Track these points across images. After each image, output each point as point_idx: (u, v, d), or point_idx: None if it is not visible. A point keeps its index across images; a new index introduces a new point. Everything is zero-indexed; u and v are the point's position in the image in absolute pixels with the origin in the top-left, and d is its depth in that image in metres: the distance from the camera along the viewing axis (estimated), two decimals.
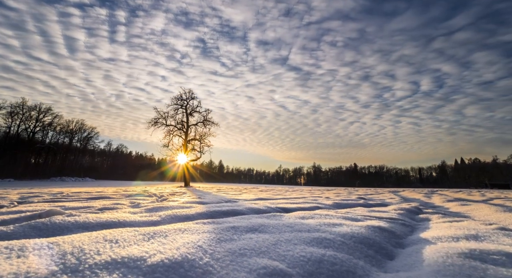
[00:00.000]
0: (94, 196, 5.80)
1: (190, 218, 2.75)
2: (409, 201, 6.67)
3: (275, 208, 3.67)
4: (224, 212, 3.13)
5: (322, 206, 4.11)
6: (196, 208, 3.25)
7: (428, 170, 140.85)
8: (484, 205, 4.34)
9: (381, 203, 4.92)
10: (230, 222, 2.33)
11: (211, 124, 29.19)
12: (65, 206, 3.51)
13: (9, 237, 1.63)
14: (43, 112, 56.08)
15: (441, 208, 4.69)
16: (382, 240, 1.80)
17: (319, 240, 1.59)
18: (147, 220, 2.50)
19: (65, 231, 1.90)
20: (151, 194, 6.86)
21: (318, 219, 2.57)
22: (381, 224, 2.28)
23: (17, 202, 4.16)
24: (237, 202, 4.45)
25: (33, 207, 3.16)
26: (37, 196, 5.67)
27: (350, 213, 3.15)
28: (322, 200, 5.16)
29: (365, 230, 1.95)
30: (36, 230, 1.82)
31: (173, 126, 28.03)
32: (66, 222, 2.06)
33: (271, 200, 5.53)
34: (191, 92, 28.89)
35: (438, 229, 2.21)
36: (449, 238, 1.74)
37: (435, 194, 10.69)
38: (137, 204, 4.10)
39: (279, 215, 2.91)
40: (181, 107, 28.52)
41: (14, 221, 2.06)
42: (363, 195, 8.32)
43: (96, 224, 2.15)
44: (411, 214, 3.36)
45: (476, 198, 7.32)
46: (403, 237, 2.11)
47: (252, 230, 1.98)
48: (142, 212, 2.95)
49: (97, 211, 3.05)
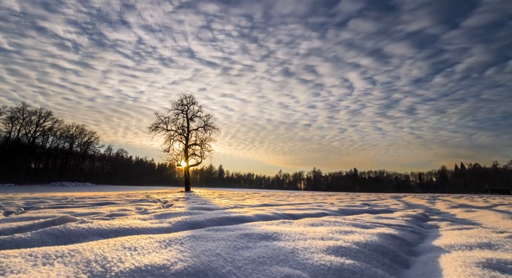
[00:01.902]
0: (99, 201, 5.80)
1: (200, 224, 2.76)
2: (414, 207, 6.67)
3: (282, 215, 3.68)
4: (233, 218, 3.14)
5: (328, 212, 4.12)
6: (204, 215, 3.27)
7: (428, 175, 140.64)
8: (490, 211, 4.35)
9: (386, 209, 4.93)
10: (242, 229, 2.35)
11: (212, 129, 29.26)
12: (74, 212, 3.53)
13: (29, 244, 1.65)
14: (43, 117, 56.23)
15: (447, 214, 4.70)
16: (395, 248, 1.81)
17: (335, 248, 1.61)
18: (158, 226, 2.51)
19: (81, 238, 1.92)
20: (155, 200, 6.86)
21: (328, 226, 2.58)
22: (392, 232, 2.29)
23: (24, 208, 4.17)
24: (243, 208, 4.46)
25: (42, 213, 3.17)
26: (42, 201, 5.67)
27: (359, 220, 3.16)
28: (327, 206, 5.17)
29: (377, 237, 1.97)
30: (53, 237, 1.84)
31: (174, 131, 28.09)
32: (80, 229, 2.08)
33: (276, 206, 5.54)
34: (191, 97, 29.02)
35: (449, 236, 2.23)
36: (462, 246, 1.76)
37: (438, 200, 10.68)
38: (144, 210, 4.11)
39: (288, 221, 2.93)
40: (181, 112, 28.61)
41: (29, 227, 2.08)
42: (367, 201, 8.32)
43: (110, 231, 2.16)
44: (418, 221, 3.37)
45: (480, 204, 7.32)
46: (414, 244, 2.13)
47: (266, 237, 1.99)
48: (151, 219, 2.96)
49: (107, 217, 3.07)
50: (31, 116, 53.88)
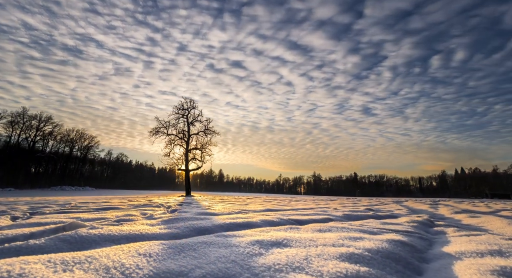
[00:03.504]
0: (102, 206, 5.80)
1: (208, 230, 2.77)
2: (417, 212, 6.67)
3: (288, 220, 3.69)
4: (240, 224, 3.15)
5: (334, 218, 4.12)
6: (211, 220, 3.28)
7: (428, 180, 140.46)
8: (494, 217, 4.36)
9: (390, 215, 4.93)
10: (251, 235, 2.36)
11: (212, 134, 29.32)
12: (80, 217, 3.54)
13: (44, 250, 1.66)
14: (44, 122, 56.37)
15: (452, 220, 4.70)
16: (406, 255, 1.82)
17: (348, 255, 1.62)
18: (167, 232, 2.52)
19: (93, 244, 1.93)
20: (158, 205, 6.86)
21: (336, 232, 2.60)
22: (401, 238, 2.30)
23: (29, 213, 4.17)
24: (248, 213, 4.46)
25: (50, 219, 3.18)
26: (46, 206, 5.68)
27: (365, 226, 3.17)
28: (331, 212, 5.18)
29: (387, 244, 1.98)
30: (67, 243, 1.85)
31: (175, 136, 28.14)
32: (91, 235, 2.09)
33: (280, 211, 5.54)
34: (192, 101, 29.14)
35: (458, 243, 2.24)
36: (473, 253, 1.77)
37: (440, 205, 10.66)
38: (149, 215, 4.12)
39: (295, 227, 2.94)
40: (182, 117, 28.69)
41: (41, 233, 2.09)
42: (370, 206, 8.31)
43: (121, 237, 2.18)
44: (424, 227, 3.38)
45: (483, 210, 7.32)
46: (424, 251, 2.14)
47: (277, 244, 2.00)
48: (159, 224, 2.97)
49: (115, 223, 3.08)
50: (31, 120, 54.08)
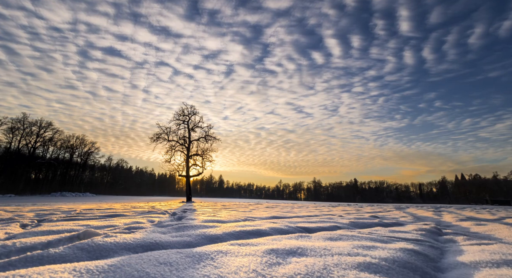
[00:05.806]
0: (108, 213, 5.80)
1: (220, 238, 2.78)
2: (422, 219, 6.66)
3: (296, 228, 3.69)
4: (250, 232, 3.16)
5: (341, 225, 4.13)
6: (220, 228, 3.28)
7: (429, 186, 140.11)
8: (501, 225, 4.36)
9: (396, 222, 4.93)
10: (264, 243, 2.38)
11: (213, 140, 29.38)
12: (89, 224, 3.54)
13: (64, 259, 1.68)
14: (44, 128, 56.41)
15: (459, 227, 4.70)
16: (422, 264, 1.84)
17: (366, 265, 1.64)
18: (180, 240, 2.54)
19: (111, 253, 1.95)
20: (163, 211, 6.85)
21: (347, 241, 2.61)
22: (413, 247, 2.32)
23: (37, 220, 4.18)
24: (255, 221, 4.47)
25: (60, 227, 3.19)
26: (52, 213, 5.67)
27: (374, 234, 3.18)
28: (337, 219, 5.18)
29: (402, 253, 2.00)
30: (85, 251, 1.87)
31: (175, 142, 28.19)
32: (107, 243, 2.11)
33: (286, 218, 5.54)
34: (193, 107, 29.31)
35: (470, 252, 2.25)
36: (488, 263, 1.79)
37: (444, 212, 10.64)
38: (157, 222, 4.13)
39: (305, 235, 2.95)
40: (183, 123, 28.80)
41: (57, 242, 2.11)
42: (374, 213, 8.29)
43: (136, 245, 2.19)
44: (433, 235, 3.38)
45: (487, 217, 7.31)
46: (437, 260, 2.15)
47: (292, 252, 2.02)
48: (170, 232, 2.98)
49: (125, 230, 3.09)
50: (31, 126, 54.09)
